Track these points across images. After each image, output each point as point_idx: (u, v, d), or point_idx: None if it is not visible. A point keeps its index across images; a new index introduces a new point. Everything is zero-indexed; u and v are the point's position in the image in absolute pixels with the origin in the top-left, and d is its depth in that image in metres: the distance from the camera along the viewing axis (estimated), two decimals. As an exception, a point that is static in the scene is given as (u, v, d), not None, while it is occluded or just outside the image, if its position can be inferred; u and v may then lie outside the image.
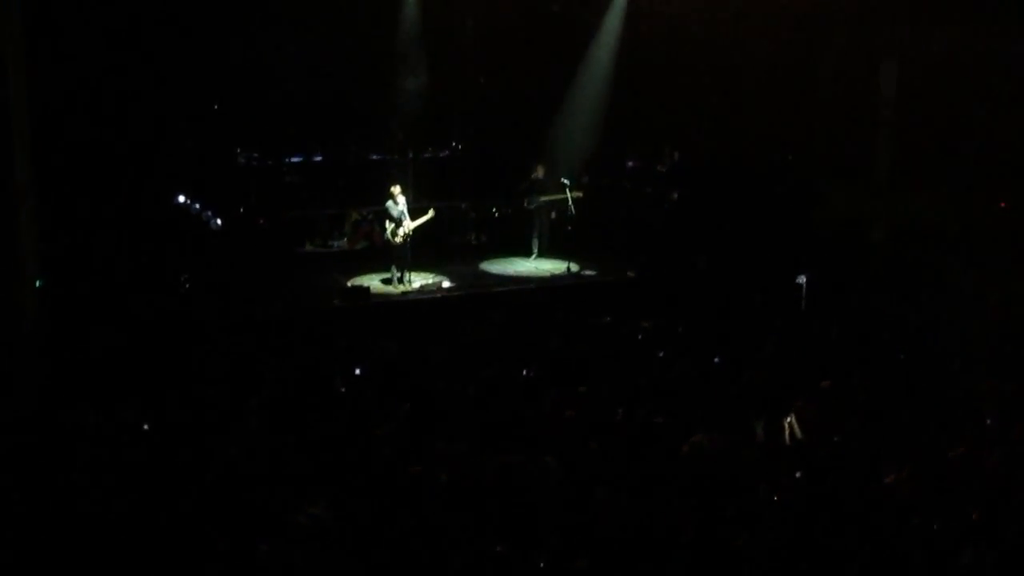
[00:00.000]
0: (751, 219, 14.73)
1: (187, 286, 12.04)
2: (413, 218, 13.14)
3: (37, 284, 10.29)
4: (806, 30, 14.46)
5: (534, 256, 14.59)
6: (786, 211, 14.77)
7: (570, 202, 13.78)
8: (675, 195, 15.79)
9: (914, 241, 13.63)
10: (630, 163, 16.92)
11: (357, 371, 9.03)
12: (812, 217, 14.62)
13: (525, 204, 14.50)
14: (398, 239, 13.07)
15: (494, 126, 15.95)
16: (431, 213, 13.21)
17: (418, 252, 13.43)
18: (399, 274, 13.18)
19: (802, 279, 12.06)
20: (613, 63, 15.80)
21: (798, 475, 6.75)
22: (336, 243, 15.22)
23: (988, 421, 7.88)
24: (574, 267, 14.08)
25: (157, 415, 7.70)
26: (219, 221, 13.38)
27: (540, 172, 14.54)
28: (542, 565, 5.45)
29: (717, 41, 14.91)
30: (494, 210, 16.00)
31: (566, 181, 14.07)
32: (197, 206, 13.46)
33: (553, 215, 14.38)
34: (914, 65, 14.03)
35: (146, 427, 7.49)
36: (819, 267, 12.43)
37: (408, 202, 13.33)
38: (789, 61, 14.85)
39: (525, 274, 14.14)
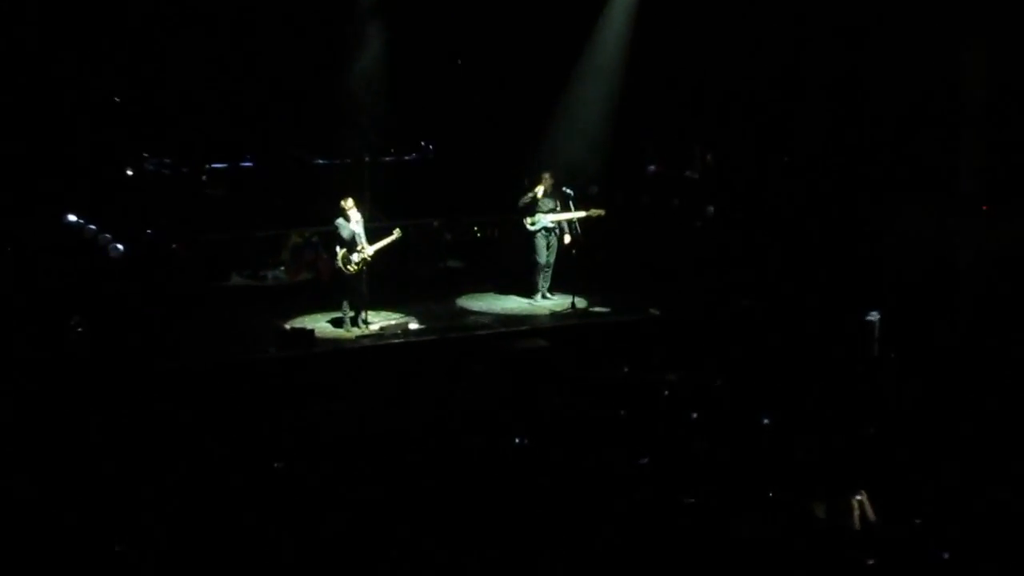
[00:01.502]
0: (807, 240, 14.59)
1: (79, 331, 11.96)
2: (371, 241, 13.15)
3: None
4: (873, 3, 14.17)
5: (539, 296, 14.54)
6: (852, 230, 14.52)
7: (575, 221, 13.90)
8: (710, 209, 15.77)
9: (1010, 267, 13.41)
10: (652, 168, 16.89)
11: (299, 442, 9.19)
12: (884, 239, 14.41)
13: (528, 225, 14.42)
14: (352, 268, 13.05)
15: (476, 122, 16.00)
16: (396, 234, 13.23)
17: (378, 285, 13.44)
18: (353, 314, 13.18)
19: (874, 317, 12.10)
20: (627, 43, 15.86)
21: (871, 563, 6.93)
22: (271, 274, 15.27)
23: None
24: (580, 303, 14.10)
25: (38, 502, 7.77)
26: (120, 247, 13.26)
27: (547, 183, 14.37)
28: None
29: (761, 13, 14.88)
30: (476, 229, 16.08)
31: (568, 191, 14.24)
32: (92, 228, 13.30)
33: (568, 239, 14.31)
34: (1007, 50, 13.48)
35: (26, 518, 7.56)
36: (895, 302, 12.56)
37: (365, 220, 13.26)
38: (851, 38, 14.46)
39: (517, 313, 14.15)
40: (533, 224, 14.40)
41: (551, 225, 14.41)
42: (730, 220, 15.61)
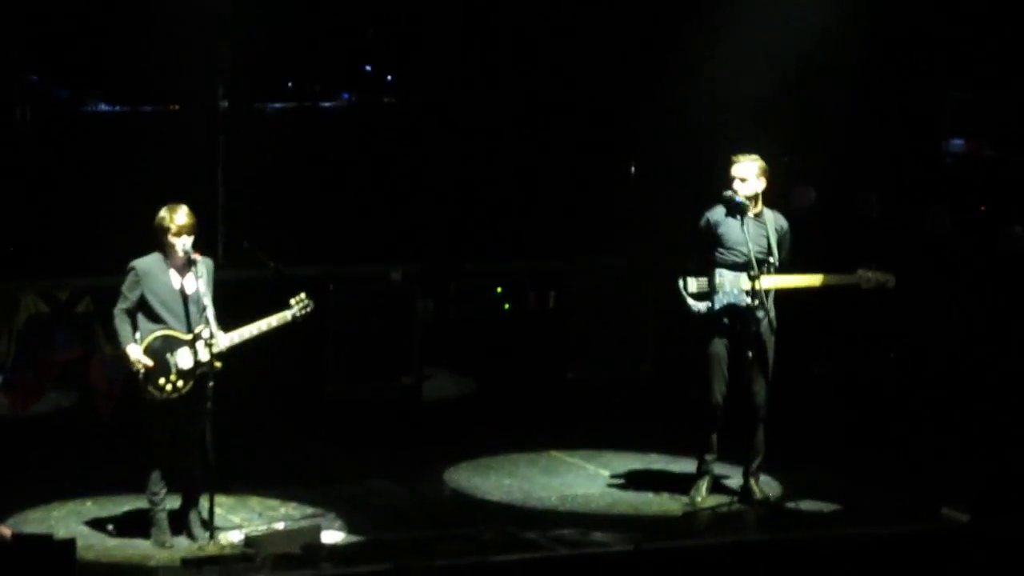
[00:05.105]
0: None
1: None
2: (229, 321, 10.79)
3: None
4: None
5: (704, 486, 11.47)
6: None
7: (762, 294, 11.09)
8: None
9: None
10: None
11: None
12: None
13: (687, 301, 11.39)
14: (172, 386, 10.49)
15: (504, 42, 15.06)
16: (296, 306, 10.50)
17: (246, 431, 11.56)
18: (178, 503, 10.74)
19: None
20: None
21: None
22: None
23: None
24: (770, 489, 11.37)
25: None
26: None
27: (751, 177, 11.26)
28: None
29: None
30: (499, 291, 14.17)
31: (780, 223, 11.57)
32: None
33: (767, 334, 11.34)
34: None
35: None
36: None
37: (215, 265, 10.74)
38: None
39: (602, 508, 11.23)
40: (708, 294, 11.18)
41: (745, 301, 11.00)
42: None
